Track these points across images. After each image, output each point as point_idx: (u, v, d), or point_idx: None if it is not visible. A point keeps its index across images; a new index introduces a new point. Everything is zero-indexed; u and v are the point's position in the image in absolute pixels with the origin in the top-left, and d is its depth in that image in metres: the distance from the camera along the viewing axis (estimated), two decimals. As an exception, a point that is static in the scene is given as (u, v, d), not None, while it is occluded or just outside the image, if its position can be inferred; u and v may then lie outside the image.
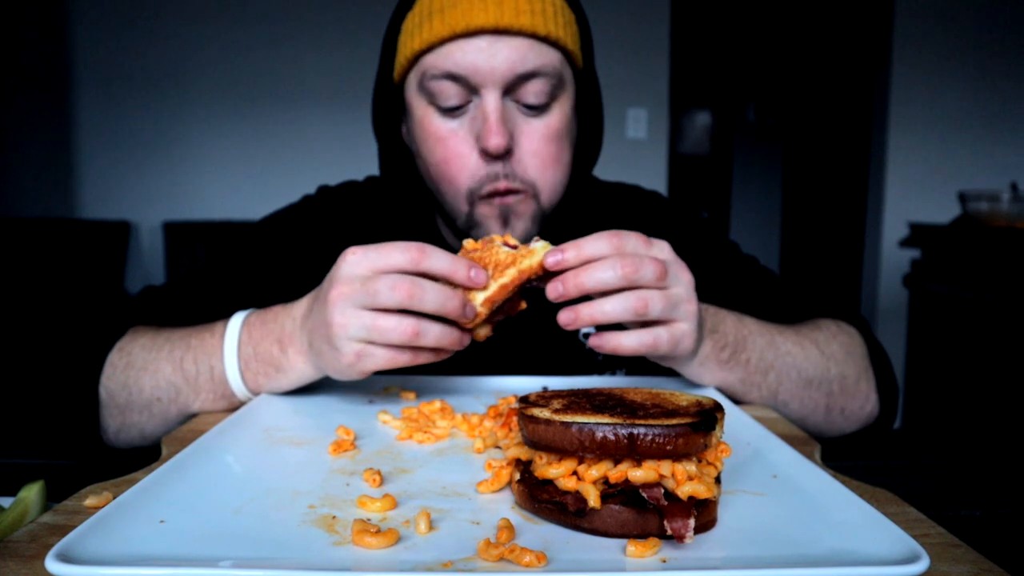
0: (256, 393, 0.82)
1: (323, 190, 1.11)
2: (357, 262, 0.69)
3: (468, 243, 0.72)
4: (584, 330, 1.02)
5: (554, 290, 0.68)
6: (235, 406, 0.83)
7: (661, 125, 3.81)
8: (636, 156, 3.75)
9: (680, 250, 0.78)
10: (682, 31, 4.00)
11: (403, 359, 0.70)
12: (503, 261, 0.69)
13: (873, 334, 0.99)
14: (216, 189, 3.71)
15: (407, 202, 1.04)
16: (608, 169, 1.14)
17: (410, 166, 1.01)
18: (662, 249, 0.72)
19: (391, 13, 0.97)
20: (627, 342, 0.72)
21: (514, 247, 0.71)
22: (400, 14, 0.93)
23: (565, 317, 0.69)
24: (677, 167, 4.99)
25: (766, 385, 0.87)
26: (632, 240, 0.70)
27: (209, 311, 0.91)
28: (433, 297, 0.66)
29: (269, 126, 3.69)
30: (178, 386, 0.82)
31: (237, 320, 0.82)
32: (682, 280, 0.73)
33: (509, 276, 0.69)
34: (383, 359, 0.69)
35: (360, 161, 3.67)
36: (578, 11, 0.94)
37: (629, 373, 1.03)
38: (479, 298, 0.68)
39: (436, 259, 0.67)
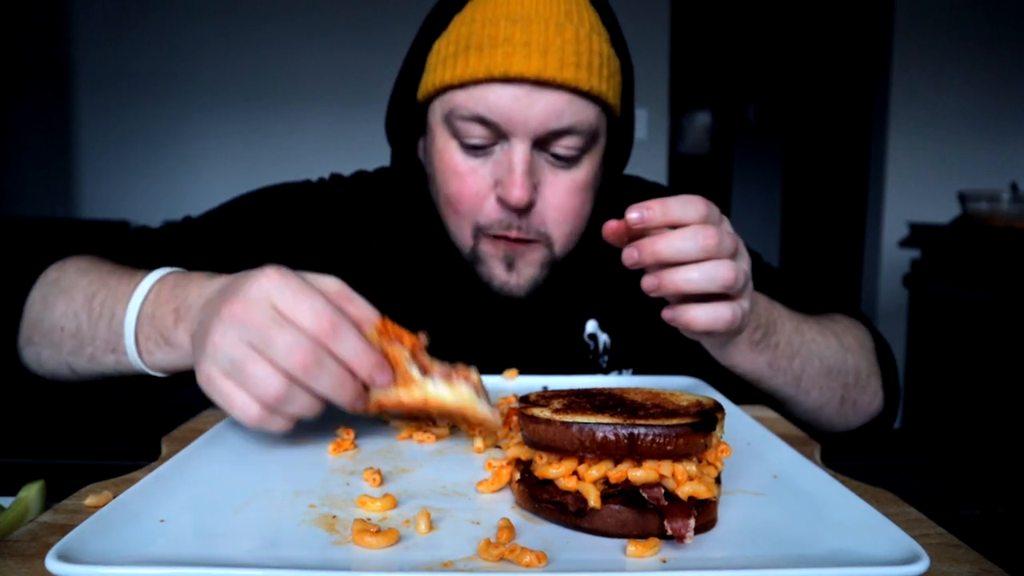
0: (144, 362, 0.73)
1: (335, 178, 1.07)
2: (273, 290, 0.58)
3: (406, 338, 0.63)
4: (589, 329, 1.02)
5: (629, 257, 0.64)
6: (122, 369, 0.75)
7: (661, 125, 3.81)
8: (636, 156, 3.69)
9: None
10: (682, 31, 4.00)
11: (252, 413, 0.58)
12: (412, 377, 0.61)
13: (881, 335, 1.00)
14: (216, 189, 3.70)
15: (417, 205, 1.02)
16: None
17: (422, 181, 0.97)
18: (728, 224, 0.69)
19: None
20: (702, 316, 0.66)
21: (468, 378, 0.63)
22: (431, 31, 0.88)
23: (649, 283, 0.65)
24: (677, 167, 4.99)
25: (791, 370, 0.85)
26: (716, 210, 0.66)
27: (187, 262, 0.82)
28: (327, 382, 0.58)
29: (269, 126, 3.69)
30: (80, 323, 0.76)
31: (155, 275, 0.73)
32: (746, 256, 0.70)
33: (412, 398, 0.61)
34: (236, 401, 0.59)
35: (360, 161, 3.66)
36: (624, 57, 0.89)
37: (636, 372, 1.03)
38: (375, 395, 0.61)
39: (344, 345, 0.58)
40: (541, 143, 0.83)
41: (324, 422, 0.72)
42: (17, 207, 3.65)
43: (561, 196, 0.85)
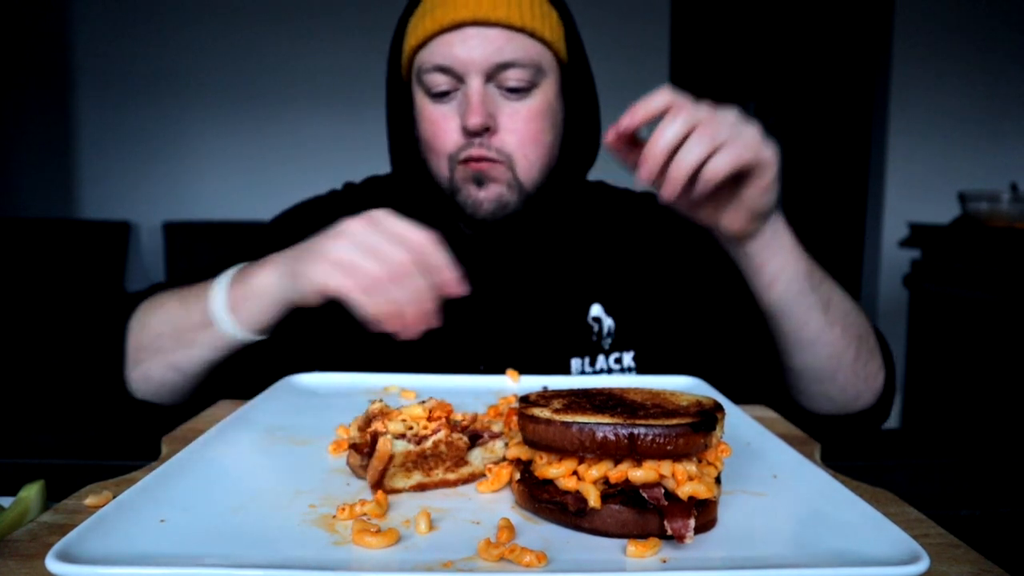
0: (236, 319, 0.86)
1: (348, 186, 1.17)
2: (371, 223, 0.78)
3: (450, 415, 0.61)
4: (593, 313, 1.06)
5: (646, 174, 0.73)
6: (217, 343, 0.88)
7: (661, 125, 3.80)
8: (636, 156, 3.74)
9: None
10: (682, 31, 4.00)
11: (366, 299, 0.76)
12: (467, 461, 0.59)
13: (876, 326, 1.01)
14: (216, 189, 3.71)
15: (420, 192, 1.08)
16: (608, 170, 1.14)
17: (417, 156, 1.06)
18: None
19: (398, 14, 1.03)
20: (720, 161, 0.73)
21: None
22: (405, 17, 1.02)
23: (668, 189, 0.73)
24: (677, 167, 4.97)
25: (823, 291, 0.88)
26: (683, 94, 0.75)
27: None
28: (411, 290, 0.76)
29: (269, 126, 3.69)
30: (176, 320, 0.90)
31: (232, 269, 0.90)
32: (751, 125, 0.76)
33: (459, 475, 0.58)
34: (351, 284, 0.76)
35: (360, 160, 3.67)
36: (560, 6, 1.02)
37: (637, 355, 1.06)
38: (413, 478, 0.57)
39: (429, 270, 0.79)
40: (492, 78, 0.95)
41: (324, 422, 0.72)
42: (17, 207, 3.65)
43: (517, 122, 0.97)
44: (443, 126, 0.98)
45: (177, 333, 0.90)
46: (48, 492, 0.57)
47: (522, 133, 0.97)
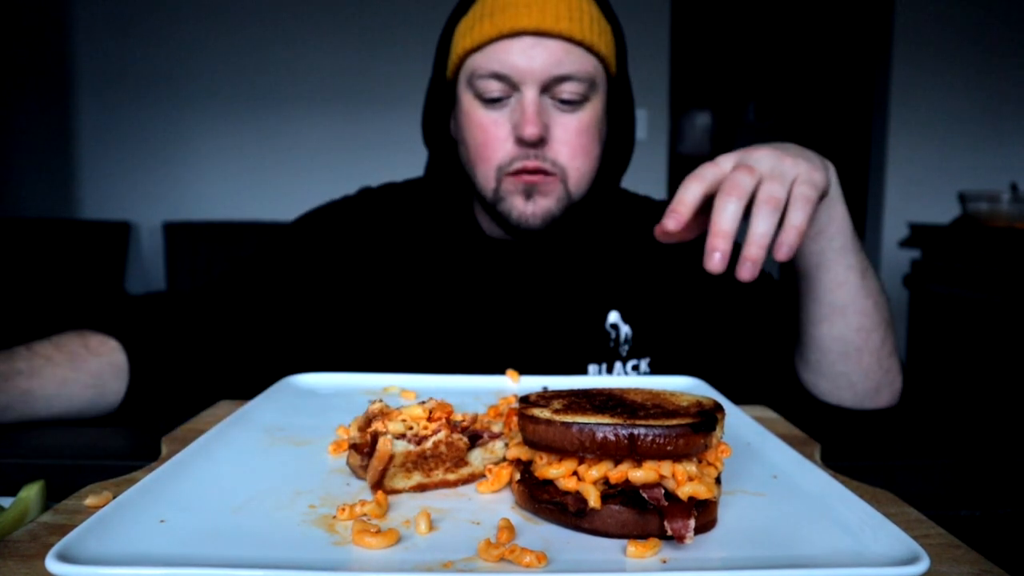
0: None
1: (365, 191, 1.17)
2: None
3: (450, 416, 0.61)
4: (611, 320, 1.07)
5: (718, 265, 0.68)
6: None
7: (661, 125, 3.80)
8: (636, 156, 3.71)
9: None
10: (682, 31, 4.00)
11: None
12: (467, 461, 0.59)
13: None
14: (216, 189, 3.71)
15: (448, 194, 1.09)
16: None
17: (454, 158, 1.07)
18: (729, 158, 0.76)
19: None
20: (793, 224, 0.71)
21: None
22: (456, 17, 1.03)
23: (746, 273, 0.69)
24: (677, 167, 4.98)
25: (862, 258, 0.89)
26: (711, 165, 0.74)
27: (243, 312, 1.02)
28: None
29: (269, 126, 3.69)
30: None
31: None
32: (795, 157, 0.75)
33: (458, 475, 0.58)
34: None
35: (360, 161, 3.68)
36: (614, 23, 1.03)
37: (653, 362, 1.07)
38: (414, 479, 0.57)
39: None
40: (547, 89, 0.95)
41: (324, 422, 0.72)
42: (17, 207, 3.65)
43: (570, 134, 0.97)
44: (494, 133, 0.97)
45: None
46: (48, 492, 0.57)
47: (574, 145, 0.97)
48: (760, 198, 0.70)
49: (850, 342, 0.90)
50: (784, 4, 5.64)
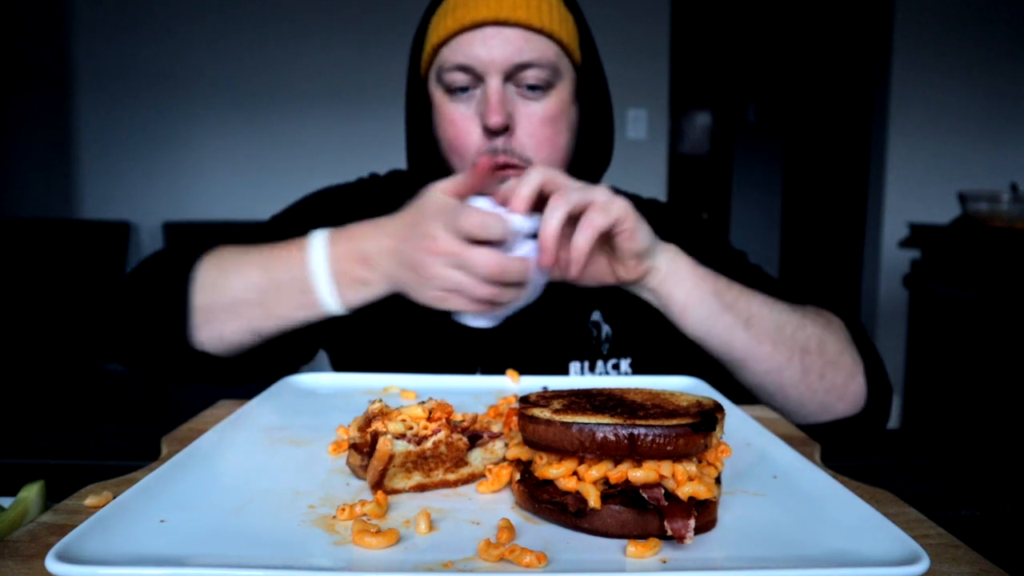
0: (342, 301, 0.88)
1: (374, 176, 1.19)
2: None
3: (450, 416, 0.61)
4: (594, 318, 1.08)
5: (548, 264, 0.81)
6: (310, 317, 0.90)
7: (661, 125, 3.80)
8: (636, 156, 3.75)
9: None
10: (682, 31, 4.00)
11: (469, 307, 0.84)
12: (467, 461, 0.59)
13: (862, 327, 1.01)
14: (216, 189, 3.71)
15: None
16: (608, 170, 1.14)
17: (436, 155, 1.08)
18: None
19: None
20: (580, 240, 0.82)
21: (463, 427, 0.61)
22: (428, 16, 1.04)
23: (574, 271, 0.83)
24: (677, 167, 4.99)
25: (739, 309, 0.90)
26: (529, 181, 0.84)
27: None
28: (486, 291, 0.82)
29: (270, 126, 3.69)
30: (262, 287, 0.90)
31: (319, 235, 0.90)
32: (598, 189, 0.85)
33: (458, 475, 0.58)
34: (463, 303, 0.83)
35: (361, 160, 3.68)
36: (575, 12, 1.03)
37: (634, 362, 1.07)
38: (414, 479, 0.57)
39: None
40: (510, 78, 0.97)
41: (324, 422, 0.72)
42: (17, 207, 3.65)
43: (535, 123, 0.98)
44: (463, 126, 0.99)
45: (262, 300, 0.90)
46: (48, 492, 0.57)
47: (539, 136, 0.98)
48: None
49: (766, 385, 0.93)
50: (784, 4, 5.64)
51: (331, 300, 0.89)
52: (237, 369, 1.00)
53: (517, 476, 0.54)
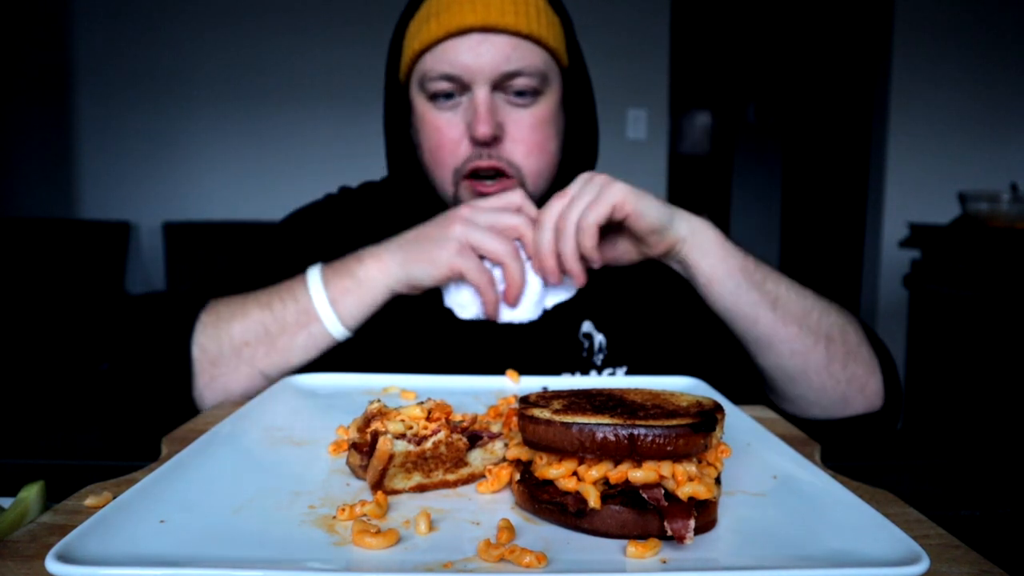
0: (338, 313, 0.89)
1: (344, 191, 1.16)
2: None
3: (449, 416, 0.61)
4: (584, 329, 1.04)
5: (546, 273, 0.87)
6: (316, 342, 0.90)
7: (661, 125, 3.80)
8: (636, 157, 3.75)
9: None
10: (682, 31, 4.00)
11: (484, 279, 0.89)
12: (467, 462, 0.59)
13: (872, 329, 1.00)
14: (216, 189, 3.71)
15: (415, 196, 1.07)
16: (608, 170, 1.14)
17: (415, 161, 1.05)
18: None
19: (397, 16, 1.01)
20: (565, 249, 0.87)
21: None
22: (405, 19, 1.00)
23: (577, 283, 0.90)
24: (677, 167, 4.99)
25: (768, 288, 0.89)
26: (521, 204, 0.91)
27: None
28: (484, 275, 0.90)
29: (269, 126, 3.69)
30: (266, 324, 0.89)
31: (314, 269, 0.91)
32: (588, 185, 0.87)
33: (458, 475, 0.58)
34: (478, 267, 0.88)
35: (361, 160, 3.67)
36: (562, 14, 1.01)
37: (630, 371, 1.04)
38: (414, 479, 0.57)
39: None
40: (498, 86, 0.95)
41: (324, 422, 0.72)
42: (17, 207, 3.65)
43: (525, 131, 0.96)
44: (448, 135, 0.96)
45: (269, 339, 0.89)
46: (48, 492, 0.57)
47: (529, 143, 0.96)
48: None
49: (789, 368, 0.91)
50: (784, 4, 5.64)
51: (336, 326, 0.90)
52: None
53: (517, 476, 0.54)
